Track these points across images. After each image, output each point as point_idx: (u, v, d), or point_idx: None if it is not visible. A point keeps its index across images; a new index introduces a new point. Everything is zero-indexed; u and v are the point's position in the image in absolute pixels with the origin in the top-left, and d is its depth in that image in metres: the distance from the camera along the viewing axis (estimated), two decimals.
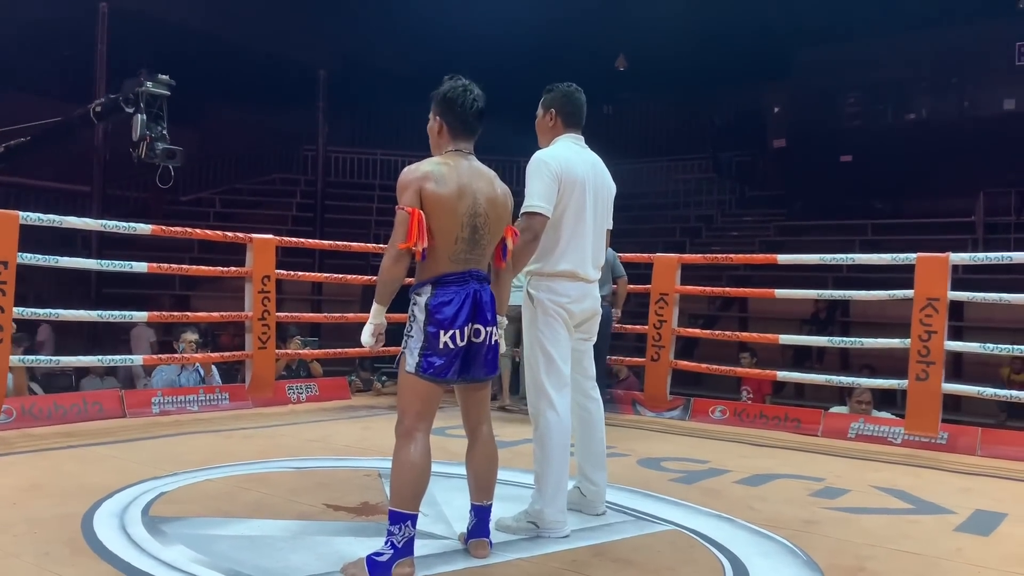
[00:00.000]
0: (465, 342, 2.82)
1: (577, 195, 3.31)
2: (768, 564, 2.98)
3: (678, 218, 15.70)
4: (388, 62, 14.92)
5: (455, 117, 2.90)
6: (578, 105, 3.47)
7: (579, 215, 3.33)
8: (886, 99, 15.07)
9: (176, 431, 5.21)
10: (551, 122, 3.47)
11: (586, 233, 3.36)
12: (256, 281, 6.07)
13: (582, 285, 3.37)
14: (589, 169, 3.40)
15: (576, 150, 3.42)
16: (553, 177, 3.25)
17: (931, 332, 5.31)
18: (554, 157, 3.31)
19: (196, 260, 12.32)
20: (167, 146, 6.03)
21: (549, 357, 3.29)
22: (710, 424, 6.13)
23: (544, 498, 3.23)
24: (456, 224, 2.80)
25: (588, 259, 3.38)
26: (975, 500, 4.06)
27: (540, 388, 3.29)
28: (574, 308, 3.35)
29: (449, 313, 2.79)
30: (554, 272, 3.32)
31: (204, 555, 2.84)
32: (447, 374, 2.82)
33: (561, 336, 3.32)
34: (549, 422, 3.26)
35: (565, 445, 3.28)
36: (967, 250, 10.65)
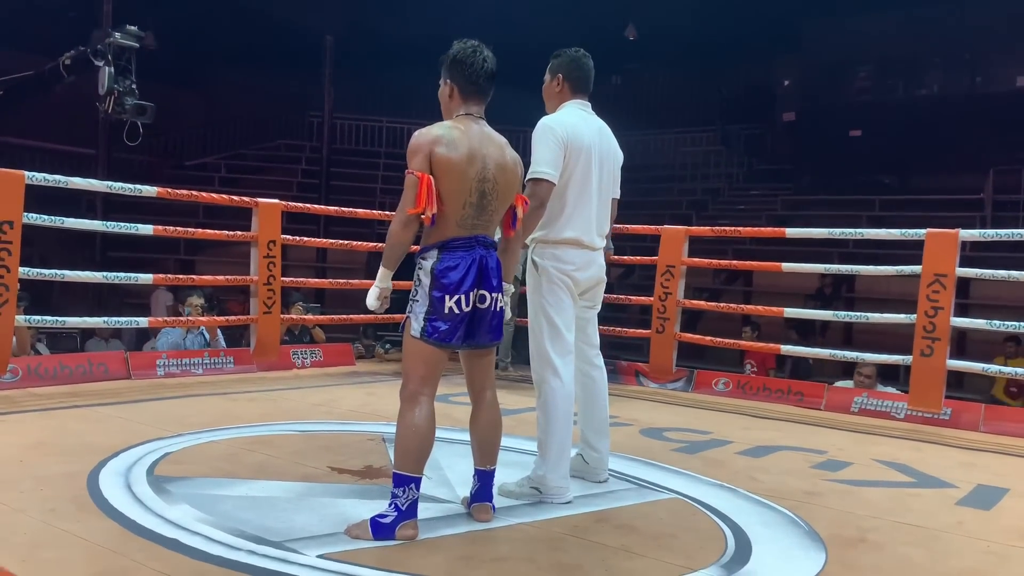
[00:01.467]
0: (470, 307, 2.81)
1: (583, 162, 3.29)
2: (770, 533, 2.99)
3: (685, 191, 15.62)
4: (395, 29, 14.75)
5: (465, 79, 2.87)
6: (586, 71, 3.43)
7: (585, 182, 3.30)
8: (897, 74, 14.92)
9: (181, 393, 5.23)
10: (558, 87, 3.43)
11: (591, 201, 3.33)
12: (262, 246, 6.06)
13: (587, 253, 3.34)
14: (595, 136, 3.36)
15: (582, 116, 3.38)
16: (559, 143, 3.22)
17: (937, 308, 5.29)
18: (560, 123, 3.28)
19: (201, 224, 12.30)
20: (137, 101, 5.77)
21: (553, 324, 3.28)
22: (713, 396, 6.14)
23: (547, 464, 3.24)
24: (465, 189, 2.78)
25: (593, 227, 3.35)
26: (977, 475, 4.06)
27: (544, 355, 3.29)
28: (579, 276, 3.33)
29: (455, 278, 2.78)
30: (559, 239, 3.30)
31: (209, 514, 2.85)
32: (452, 339, 2.81)
33: (565, 304, 3.31)
34: (553, 389, 3.26)
35: (568, 412, 3.29)
36: (975, 227, 10.58)
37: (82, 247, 11.78)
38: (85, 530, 2.68)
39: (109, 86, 5.71)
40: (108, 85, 5.71)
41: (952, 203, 11.98)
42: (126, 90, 5.74)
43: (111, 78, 5.69)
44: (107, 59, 5.70)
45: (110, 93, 5.73)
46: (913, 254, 5.58)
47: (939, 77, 14.81)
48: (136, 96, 5.80)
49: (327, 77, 14.46)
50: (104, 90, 5.74)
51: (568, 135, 3.25)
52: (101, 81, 5.73)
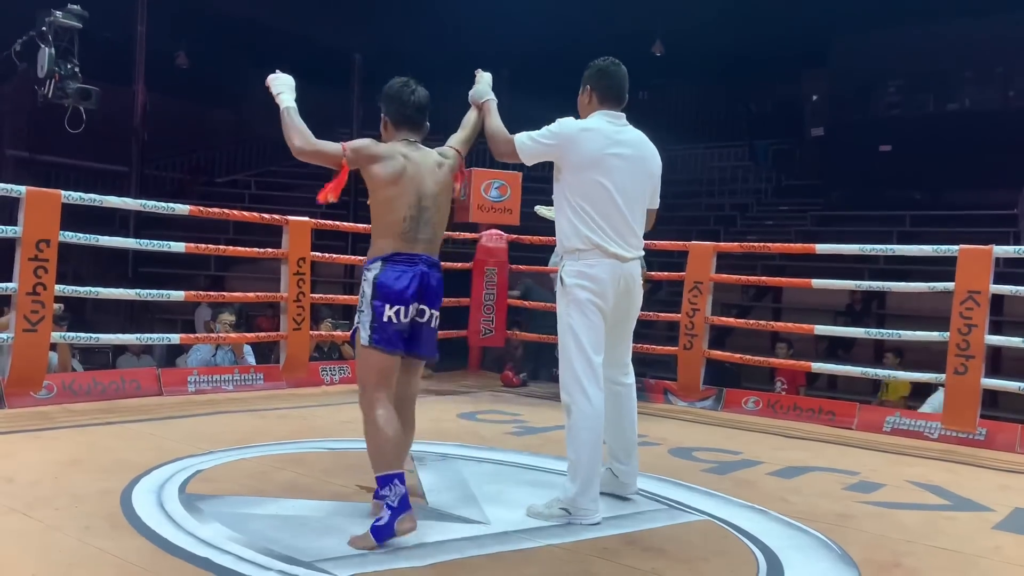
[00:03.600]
0: (409, 319, 3.03)
1: (591, 170, 3.25)
2: (802, 557, 2.96)
3: (713, 206, 15.55)
4: (423, 47, 14.88)
5: (396, 112, 3.20)
6: (614, 79, 3.40)
7: (597, 190, 3.26)
8: (927, 88, 14.76)
9: (211, 410, 5.27)
10: (587, 99, 3.42)
11: (614, 208, 3.28)
12: (292, 263, 6.11)
13: (613, 263, 3.28)
14: (616, 145, 3.30)
15: (600, 125, 3.33)
16: (552, 138, 3.28)
17: (971, 326, 5.21)
18: (570, 123, 3.32)
19: (231, 241, 12.45)
20: (81, 85, 5.43)
21: (580, 345, 3.26)
22: (743, 415, 6.09)
23: (576, 485, 3.22)
24: (403, 204, 3.04)
25: (618, 235, 3.29)
26: (1014, 498, 3.99)
27: (573, 376, 3.27)
28: (606, 290, 3.28)
29: (396, 288, 2.99)
30: (580, 248, 3.27)
31: (239, 533, 2.87)
32: (396, 346, 3.02)
33: (592, 322, 3.26)
34: (582, 411, 3.24)
35: (597, 434, 3.26)
36: (1008, 243, 10.43)
37: (115, 263, 11.97)
38: (119, 548, 2.70)
39: (49, 68, 5.36)
40: (48, 67, 5.36)
41: (984, 218, 11.82)
42: (67, 73, 5.40)
43: (51, 60, 5.34)
44: (47, 40, 5.36)
45: (50, 76, 5.39)
46: (945, 270, 5.50)
47: (970, 91, 14.63)
48: (79, 79, 5.45)
49: (355, 95, 14.61)
50: (44, 73, 5.40)
51: (574, 140, 3.26)
52: (40, 63, 5.39)
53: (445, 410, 5.63)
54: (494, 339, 7.33)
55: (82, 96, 5.50)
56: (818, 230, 12.87)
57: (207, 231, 12.61)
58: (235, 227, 13.61)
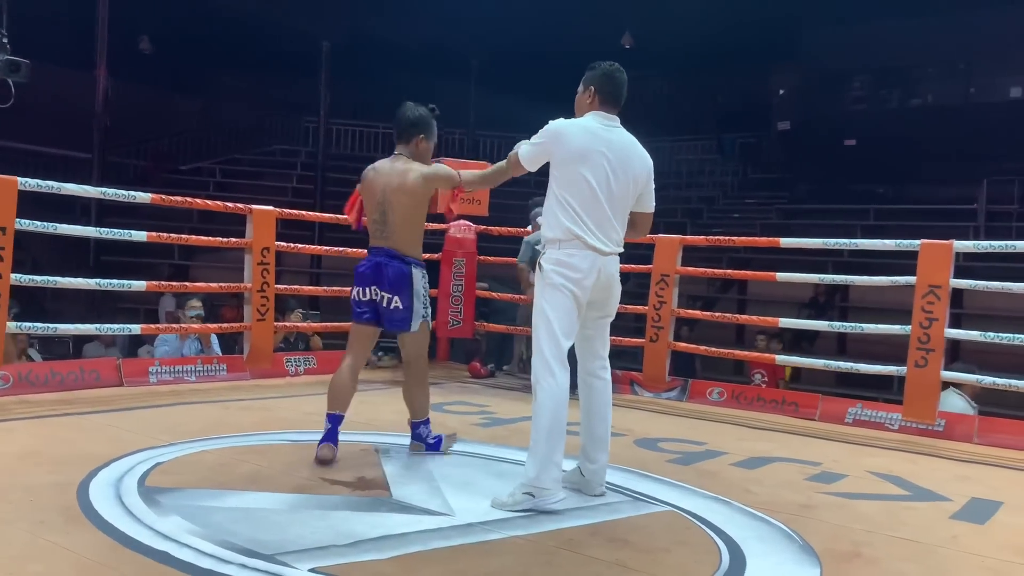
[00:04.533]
0: (367, 298, 3.87)
1: (581, 166, 3.31)
2: (764, 548, 2.98)
3: (680, 199, 15.63)
4: (392, 35, 14.76)
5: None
6: (617, 84, 3.49)
7: (590, 186, 3.32)
8: (892, 84, 14.97)
9: (173, 401, 5.20)
10: (589, 99, 3.48)
11: (598, 206, 3.34)
12: (256, 252, 6.04)
13: (592, 255, 3.33)
14: (604, 145, 3.37)
15: (592, 125, 3.41)
16: (547, 137, 3.38)
17: (932, 319, 5.30)
18: (561, 122, 3.40)
19: (195, 230, 12.30)
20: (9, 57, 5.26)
21: (551, 328, 3.30)
22: (708, 406, 6.13)
23: (536, 464, 3.23)
24: (370, 208, 3.94)
25: (600, 231, 3.34)
26: (971, 488, 4.06)
27: (541, 356, 3.31)
28: (584, 281, 3.32)
29: (358, 272, 3.90)
30: (563, 238, 3.32)
31: (199, 526, 2.83)
32: (360, 318, 3.91)
33: (566, 308, 3.31)
34: (545, 389, 3.27)
35: (560, 412, 3.27)
36: (969, 238, 10.61)
37: (76, 251, 11.76)
38: (74, 543, 2.65)
39: None
40: None
41: (946, 213, 12.02)
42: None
43: None
44: None
45: None
46: (908, 264, 5.57)
47: (934, 87, 14.86)
48: (7, 51, 5.29)
49: (323, 83, 14.48)
50: None
51: (561, 135, 3.34)
52: None
53: None
54: (462, 330, 7.31)
55: (10, 68, 5.34)
56: (784, 223, 13.01)
57: (171, 220, 12.44)
58: (200, 216, 13.45)
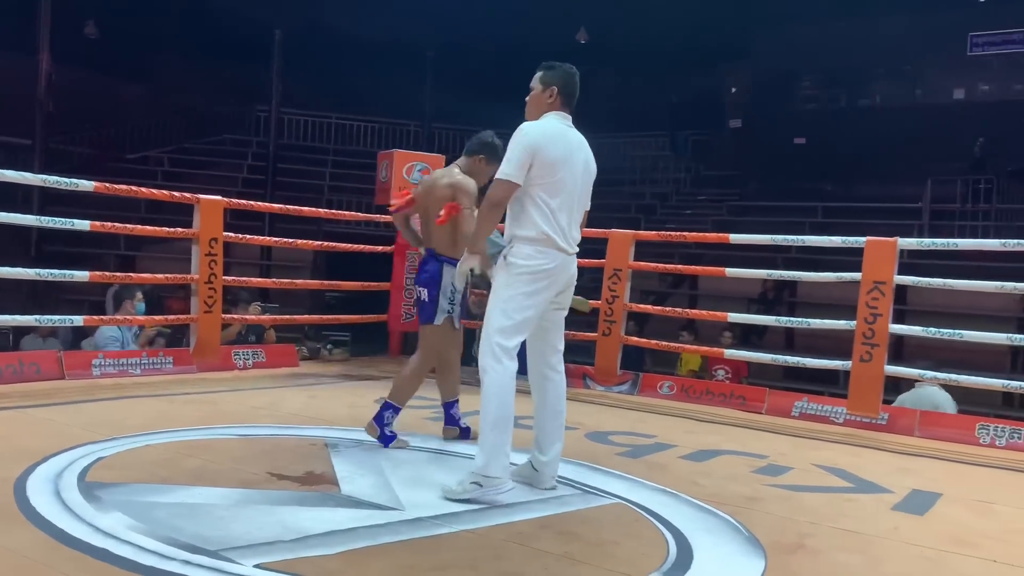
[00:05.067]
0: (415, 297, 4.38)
1: (557, 170, 3.34)
2: (711, 540, 3.01)
3: (634, 194, 15.74)
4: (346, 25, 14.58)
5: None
6: (577, 87, 3.53)
7: (561, 189, 3.36)
8: (841, 84, 15.27)
9: (117, 395, 5.08)
10: (549, 99, 3.48)
11: (566, 208, 3.39)
12: (203, 243, 5.93)
13: (560, 255, 3.38)
14: (575, 148, 3.44)
15: (561, 127, 3.44)
16: (527, 148, 3.30)
17: (876, 315, 5.40)
18: (536, 129, 3.37)
19: (144, 220, 12.03)
20: None
21: (509, 319, 3.30)
22: (658, 399, 6.18)
23: (485, 453, 3.23)
24: (419, 212, 4.38)
25: (567, 232, 3.40)
26: (912, 480, 4.15)
27: (490, 349, 3.29)
28: (552, 280, 3.36)
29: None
30: (534, 237, 3.33)
31: (142, 522, 2.77)
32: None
33: (526, 302, 3.31)
34: (496, 379, 3.26)
35: (508, 398, 3.27)
36: (913, 235, 10.86)
37: (17, 240, 11.42)
38: (10, 540, 2.57)
39: None
40: None
41: (892, 211, 12.29)
42: None
43: None
44: None
45: None
46: (854, 260, 5.68)
47: (881, 88, 15.19)
48: None
49: (275, 71, 14.24)
50: None
51: (539, 142, 3.32)
52: None
53: (363, 396, 5.55)
54: (415, 323, 7.25)
55: None
56: (734, 219, 13.18)
57: (118, 209, 12.13)
58: (147, 205, 13.16)
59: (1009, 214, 11.62)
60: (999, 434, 5.21)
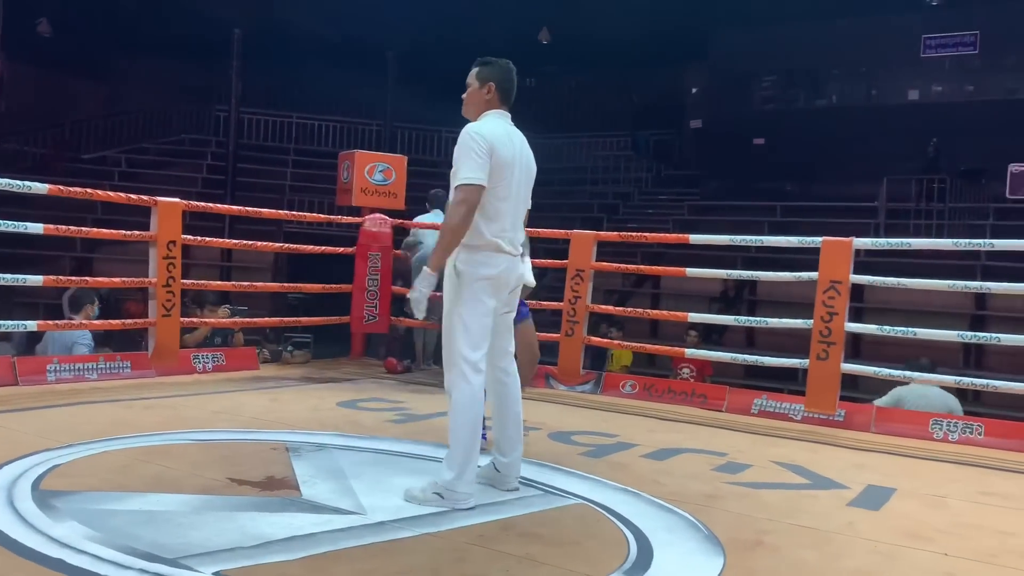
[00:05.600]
0: None
1: (506, 172, 3.32)
2: (671, 538, 3.05)
3: (597, 194, 15.84)
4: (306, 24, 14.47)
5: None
6: (514, 83, 3.47)
7: (507, 191, 3.34)
8: (799, 84, 15.51)
9: (73, 400, 4.99)
10: (487, 95, 3.43)
11: (511, 210, 3.37)
12: (161, 246, 5.84)
13: (507, 258, 3.36)
14: (517, 148, 3.40)
15: (505, 127, 3.41)
16: (484, 148, 3.25)
17: (833, 314, 5.49)
18: (488, 130, 3.31)
19: (99, 222, 11.82)
20: None
21: (470, 331, 3.27)
22: (620, 398, 6.23)
23: (452, 470, 3.23)
24: None
25: (512, 235, 3.39)
26: (867, 475, 4.23)
27: (456, 363, 3.27)
28: (502, 280, 3.34)
29: None
30: (480, 244, 3.30)
31: (98, 531, 2.73)
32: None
33: (486, 309, 3.30)
34: (464, 396, 3.25)
35: (477, 419, 3.27)
36: (870, 234, 11.07)
37: None
38: None
39: None
40: None
41: (849, 210, 12.49)
42: None
43: None
44: None
45: None
46: (812, 259, 5.76)
47: (837, 88, 15.45)
48: None
49: (235, 70, 14.07)
50: None
51: (493, 143, 3.28)
52: None
53: (324, 398, 5.52)
54: (378, 325, 7.23)
55: None
56: (695, 219, 13.31)
57: (73, 210, 11.92)
58: (104, 207, 12.93)
59: (961, 213, 11.88)
60: (952, 429, 5.33)
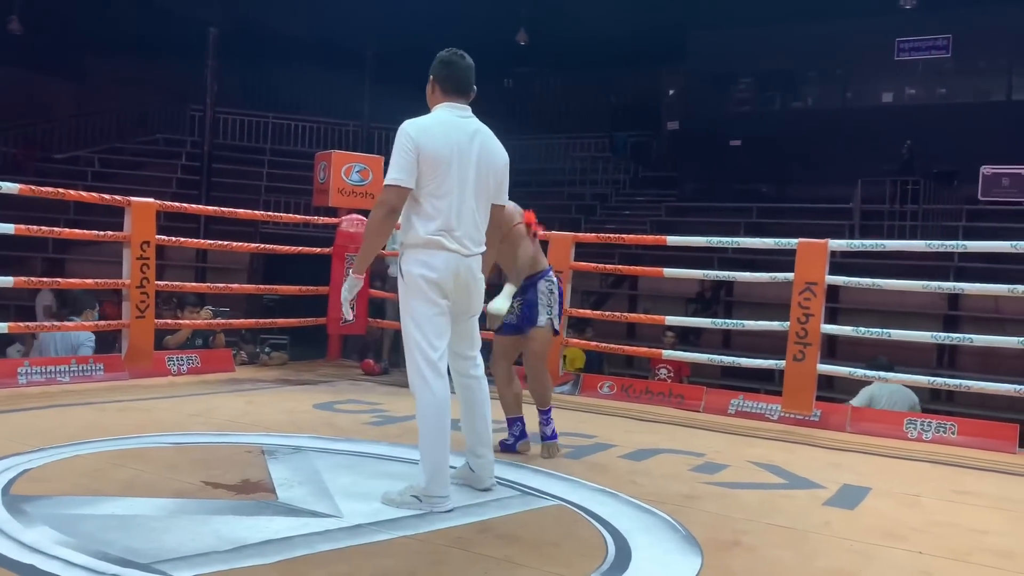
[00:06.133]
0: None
1: (440, 168, 3.19)
2: (649, 539, 3.05)
3: (574, 195, 15.86)
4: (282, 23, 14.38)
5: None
6: (456, 71, 3.32)
7: (445, 188, 3.20)
8: (775, 87, 15.61)
9: (44, 404, 4.92)
10: (431, 90, 3.35)
11: (457, 205, 3.21)
12: (135, 247, 5.77)
13: (453, 256, 3.22)
14: (465, 139, 3.25)
15: (448, 119, 3.27)
16: (411, 148, 3.15)
17: (808, 315, 5.53)
18: (415, 126, 3.20)
19: (72, 222, 11.68)
20: None
21: (422, 334, 3.20)
22: (598, 399, 6.23)
23: (425, 475, 3.21)
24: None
25: (460, 231, 3.23)
26: (843, 475, 4.27)
27: (415, 367, 3.22)
28: (444, 282, 3.21)
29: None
30: (418, 242, 3.20)
31: (70, 536, 2.69)
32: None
33: (431, 312, 3.20)
34: (425, 401, 3.21)
35: (442, 422, 3.21)
36: (845, 235, 11.17)
37: None
38: None
39: None
40: None
41: (824, 211, 12.60)
42: None
43: None
44: None
45: None
46: (788, 260, 5.80)
47: (813, 91, 15.58)
48: None
49: (210, 69, 13.93)
50: None
51: (420, 139, 3.17)
52: None
53: (300, 401, 5.48)
54: (354, 326, 7.19)
55: None
56: (672, 220, 13.36)
57: (45, 211, 11.76)
58: (76, 207, 12.78)
59: (935, 214, 12.01)
60: (925, 428, 5.39)
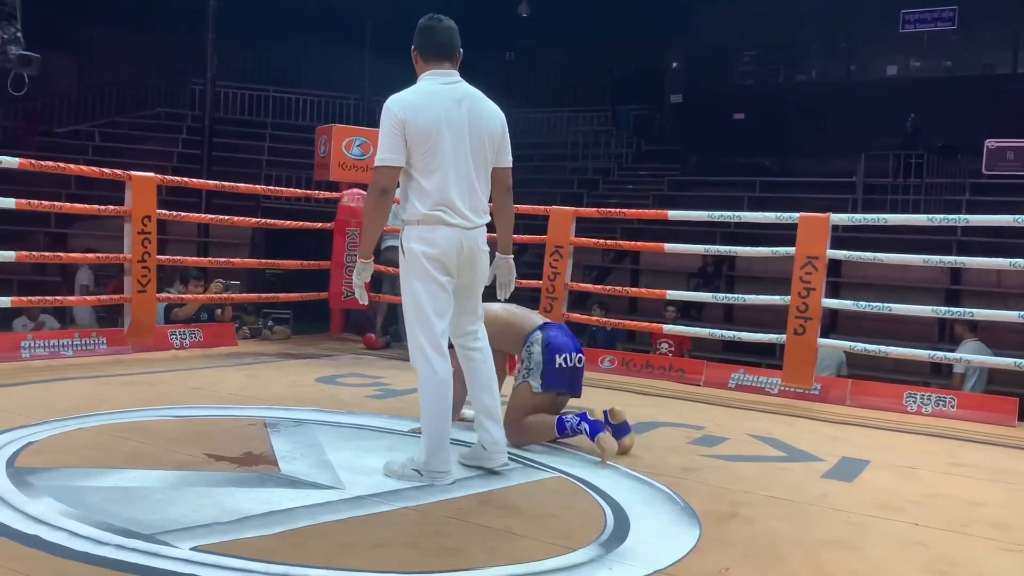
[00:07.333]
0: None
1: (429, 141, 3.13)
2: (647, 511, 3.08)
3: (577, 170, 15.80)
4: None
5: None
6: (435, 35, 3.23)
7: (437, 162, 3.15)
8: (779, 59, 15.47)
9: (48, 377, 4.95)
10: (414, 60, 3.30)
11: (453, 175, 3.16)
12: (136, 221, 5.78)
13: (455, 231, 3.18)
14: (453, 106, 3.17)
15: (433, 88, 3.20)
16: (396, 125, 3.10)
17: (810, 289, 5.53)
18: (398, 101, 3.15)
19: (73, 196, 11.69)
20: (22, 52, 5.23)
21: (422, 311, 3.19)
22: (599, 373, 6.24)
23: (426, 449, 3.23)
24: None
25: (459, 203, 3.17)
26: (842, 448, 4.29)
27: (415, 342, 3.22)
28: (446, 257, 3.19)
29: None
30: (418, 219, 3.18)
31: (74, 508, 2.72)
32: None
33: (432, 289, 3.19)
34: (425, 377, 3.21)
35: (444, 399, 3.22)
36: (848, 209, 11.13)
37: None
38: None
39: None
40: None
41: (827, 185, 12.55)
42: (11, 38, 5.15)
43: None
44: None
45: None
46: (790, 235, 5.78)
47: (817, 63, 15.45)
48: (22, 45, 5.21)
49: (210, 43, 13.84)
50: None
51: (405, 114, 3.11)
52: None
53: (303, 374, 5.51)
54: (356, 301, 7.19)
55: (23, 62, 5.30)
56: (675, 194, 13.33)
57: (47, 185, 11.76)
58: (78, 181, 12.76)
59: (938, 188, 11.97)
60: (925, 402, 5.41)
